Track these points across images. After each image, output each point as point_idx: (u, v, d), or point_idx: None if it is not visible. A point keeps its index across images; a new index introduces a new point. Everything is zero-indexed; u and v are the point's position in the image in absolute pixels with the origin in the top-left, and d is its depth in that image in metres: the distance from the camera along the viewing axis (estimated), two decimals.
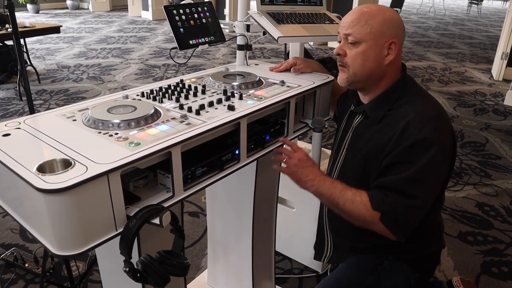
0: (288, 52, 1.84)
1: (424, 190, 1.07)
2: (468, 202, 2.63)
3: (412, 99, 1.15)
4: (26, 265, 1.95)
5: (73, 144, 0.86)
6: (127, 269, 0.81)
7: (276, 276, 1.80)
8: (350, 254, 1.29)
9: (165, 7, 1.31)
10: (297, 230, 1.98)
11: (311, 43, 7.04)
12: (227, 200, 1.56)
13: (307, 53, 1.90)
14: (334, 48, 1.22)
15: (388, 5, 9.57)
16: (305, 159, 1.17)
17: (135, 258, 0.84)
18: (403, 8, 10.10)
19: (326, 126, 1.39)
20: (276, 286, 1.79)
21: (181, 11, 1.35)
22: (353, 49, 1.15)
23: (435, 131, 1.07)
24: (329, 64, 1.73)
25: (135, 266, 0.83)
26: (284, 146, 1.25)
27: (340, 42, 1.20)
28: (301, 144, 2.09)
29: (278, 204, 1.65)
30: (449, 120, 1.16)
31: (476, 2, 13.60)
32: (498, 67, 5.49)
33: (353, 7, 6.26)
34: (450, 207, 2.56)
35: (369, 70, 1.16)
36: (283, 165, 1.21)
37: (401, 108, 1.14)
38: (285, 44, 1.95)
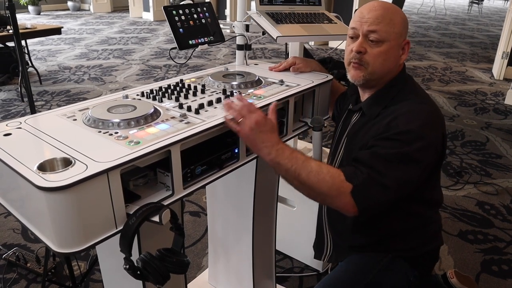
0: (289, 52, 1.85)
1: (395, 173, 1.04)
2: (469, 201, 2.63)
3: (407, 97, 1.15)
4: (28, 264, 1.96)
5: (73, 143, 0.87)
6: (127, 266, 0.82)
7: (277, 275, 1.81)
8: (350, 253, 1.30)
9: (164, 7, 1.32)
10: (298, 229, 1.99)
11: (312, 43, 7.05)
12: (227, 200, 1.57)
13: (307, 53, 1.91)
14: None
15: None
16: (263, 122, 1.02)
17: (135, 256, 0.85)
18: (404, 8, 10.09)
19: (326, 125, 1.39)
20: (277, 285, 1.80)
21: (180, 11, 1.36)
22: (375, 48, 1.12)
23: (423, 126, 1.06)
24: (329, 64, 1.73)
25: (135, 264, 0.84)
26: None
27: (352, 38, 1.16)
28: (301, 144, 2.10)
29: (279, 203, 1.66)
30: (441, 120, 1.15)
31: (477, 1, 13.58)
32: (498, 67, 5.49)
33: (354, 7, 6.26)
34: (451, 206, 2.56)
35: (387, 70, 1.16)
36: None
37: (396, 106, 1.14)
38: (286, 44, 1.96)
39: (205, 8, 1.43)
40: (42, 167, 0.78)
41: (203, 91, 1.23)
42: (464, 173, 2.98)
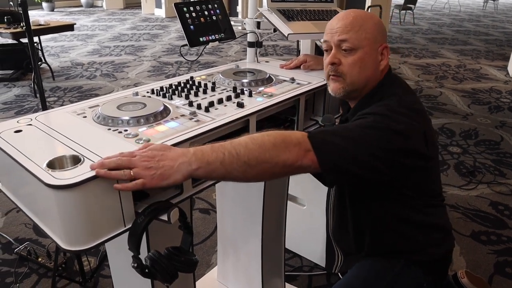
0: (300, 50, 1.84)
1: (352, 132, 0.96)
2: (482, 201, 2.59)
3: (388, 99, 1.09)
4: (39, 259, 1.98)
5: (82, 141, 0.87)
6: (136, 265, 0.82)
7: (286, 273, 1.80)
8: (359, 260, 1.27)
9: (175, 4, 1.32)
10: (308, 228, 1.98)
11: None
12: (236, 198, 1.57)
13: (319, 51, 1.89)
14: None
15: (402, 1, 9.47)
16: (150, 153, 0.81)
17: (144, 254, 0.84)
18: (417, 4, 9.97)
19: (337, 123, 1.38)
20: (286, 283, 1.79)
21: (191, 8, 1.35)
22: (349, 57, 1.08)
23: (390, 110, 1.00)
24: None
25: (144, 262, 0.83)
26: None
27: (327, 50, 1.13)
28: None
29: (289, 202, 1.65)
30: (422, 118, 1.07)
31: None
32: None
33: (366, 4, 6.22)
34: (463, 206, 2.53)
35: (366, 78, 1.11)
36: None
37: None
38: (297, 42, 1.94)
39: (216, 5, 1.42)
40: (51, 165, 0.78)
41: (213, 89, 1.23)
42: (477, 173, 2.93)
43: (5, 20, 4.36)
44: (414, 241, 1.16)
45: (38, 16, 8.79)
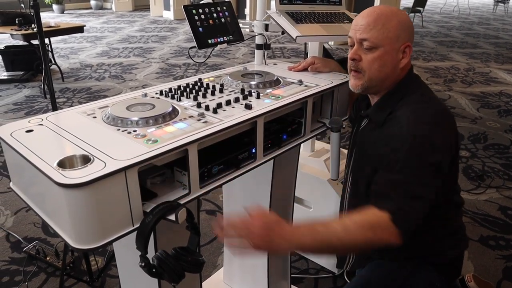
0: (308, 52, 1.84)
1: (423, 182, 1.02)
2: (490, 206, 2.57)
3: (411, 100, 1.12)
4: (47, 258, 2.00)
5: (92, 141, 0.88)
6: (143, 264, 0.83)
7: (292, 276, 1.80)
8: (371, 259, 1.27)
9: (184, 6, 1.33)
10: None
11: (331, 43, 6.99)
12: (243, 199, 1.57)
13: (327, 53, 1.89)
14: None
15: (411, 4, 9.44)
16: (267, 221, 0.91)
17: (151, 254, 0.85)
18: (426, 7, 9.93)
19: (344, 126, 1.38)
20: (292, 286, 1.79)
21: (200, 10, 1.36)
22: (369, 54, 1.11)
23: (430, 131, 1.04)
24: None
25: (151, 262, 0.84)
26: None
27: (352, 45, 1.16)
28: (319, 144, 2.08)
29: (295, 204, 1.65)
30: (451, 123, 1.11)
31: (503, 0, 13.26)
32: None
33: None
34: (471, 210, 2.51)
35: (385, 75, 1.13)
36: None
37: (400, 111, 1.11)
38: (305, 44, 1.95)
39: (224, 7, 1.43)
40: (62, 164, 0.79)
41: (221, 91, 1.23)
42: (486, 177, 2.91)
43: (17, 21, 4.41)
44: (425, 242, 1.16)
45: (48, 18, 8.89)
